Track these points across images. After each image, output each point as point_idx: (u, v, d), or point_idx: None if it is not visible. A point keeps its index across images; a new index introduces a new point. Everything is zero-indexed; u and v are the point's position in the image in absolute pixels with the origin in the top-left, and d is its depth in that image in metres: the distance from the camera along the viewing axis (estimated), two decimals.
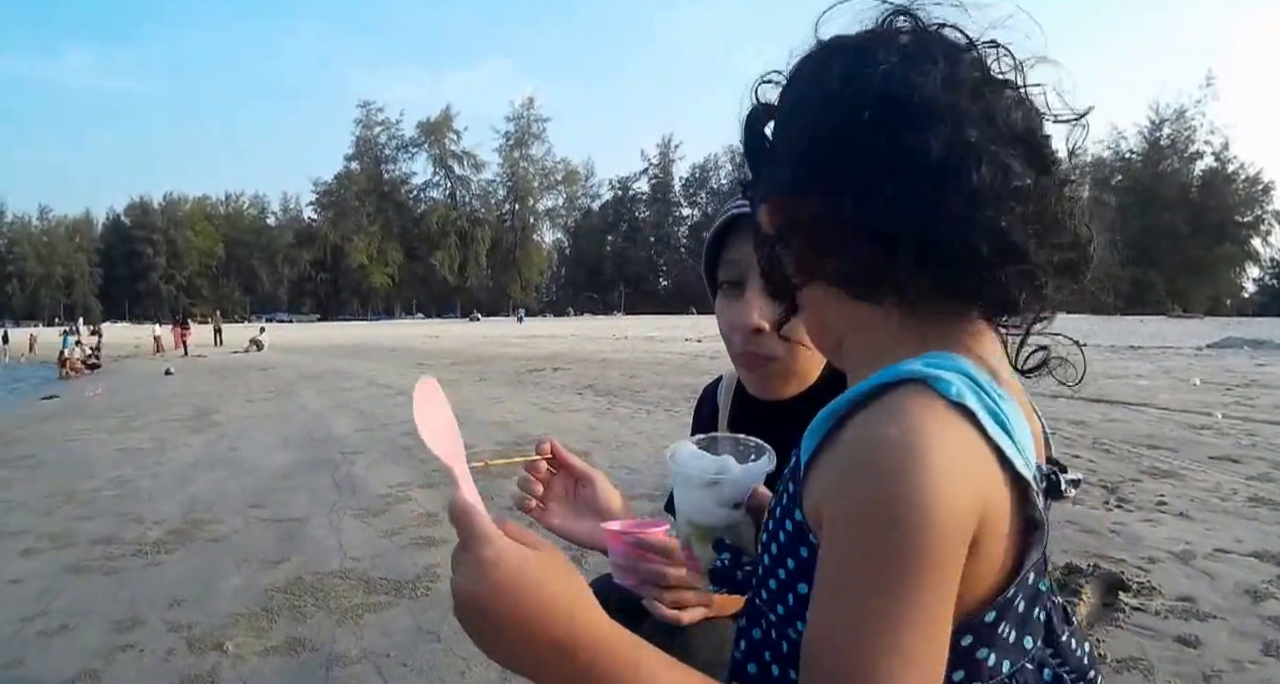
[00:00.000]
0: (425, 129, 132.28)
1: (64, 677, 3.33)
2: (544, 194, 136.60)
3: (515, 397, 12.77)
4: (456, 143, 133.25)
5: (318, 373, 20.44)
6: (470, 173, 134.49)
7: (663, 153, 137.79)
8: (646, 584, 1.17)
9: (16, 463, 8.86)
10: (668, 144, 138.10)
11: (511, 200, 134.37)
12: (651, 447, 7.89)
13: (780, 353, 1.41)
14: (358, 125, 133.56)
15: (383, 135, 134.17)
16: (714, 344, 25.61)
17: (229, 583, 4.36)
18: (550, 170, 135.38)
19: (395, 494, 6.26)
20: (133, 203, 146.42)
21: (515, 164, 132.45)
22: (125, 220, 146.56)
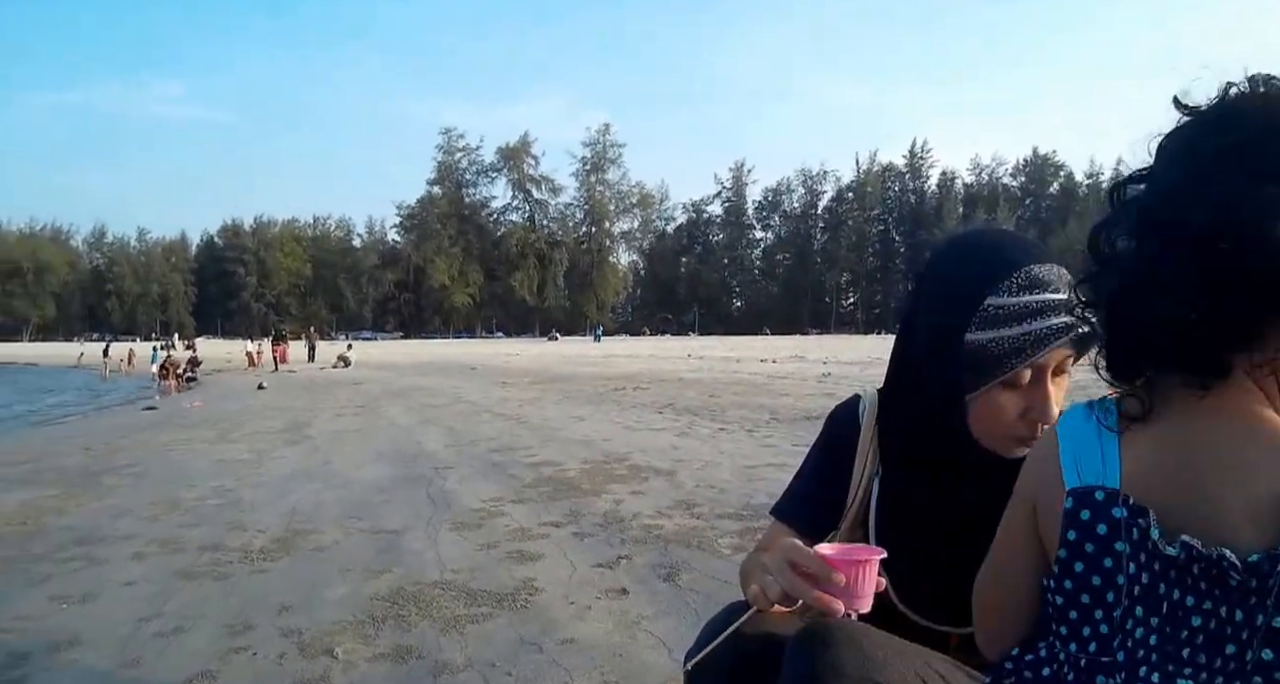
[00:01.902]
0: (504, 154, 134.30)
1: (181, 676, 3.43)
2: (620, 217, 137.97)
3: (597, 415, 12.85)
4: (535, 168, 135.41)
5: (404, 389, 20.77)
6: (548, 196, 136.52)
7: (735, 176, 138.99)
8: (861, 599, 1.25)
9: (122, 471, 9.17)
10: (740, 168, 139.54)
11: (588, 223, 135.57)
12: (735, 466, 7.88)
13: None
14: (439, 151, 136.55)
15: (463, 161, 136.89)
16: (788, 365, 25.53)
17: (334, 591, 4.47)
18: (625, 194, 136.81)
19: (488, 509, 6.35)
20: (225, 225, 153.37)
21: (592, 188, 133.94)
22: (218, 241, 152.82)
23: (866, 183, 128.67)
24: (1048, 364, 1.36)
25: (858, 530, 1.58)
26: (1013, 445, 1.42)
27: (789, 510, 1.69)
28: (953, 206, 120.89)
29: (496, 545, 5.26)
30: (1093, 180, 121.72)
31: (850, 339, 70.12)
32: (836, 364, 25.75)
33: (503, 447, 9.74)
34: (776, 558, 1.31)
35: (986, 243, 1.45)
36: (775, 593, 1.29)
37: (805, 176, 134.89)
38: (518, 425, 11.84)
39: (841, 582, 1.22)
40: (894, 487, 1.56)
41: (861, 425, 1.62)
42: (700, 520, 5.75)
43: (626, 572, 4.63)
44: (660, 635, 3.68)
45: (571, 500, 6.55)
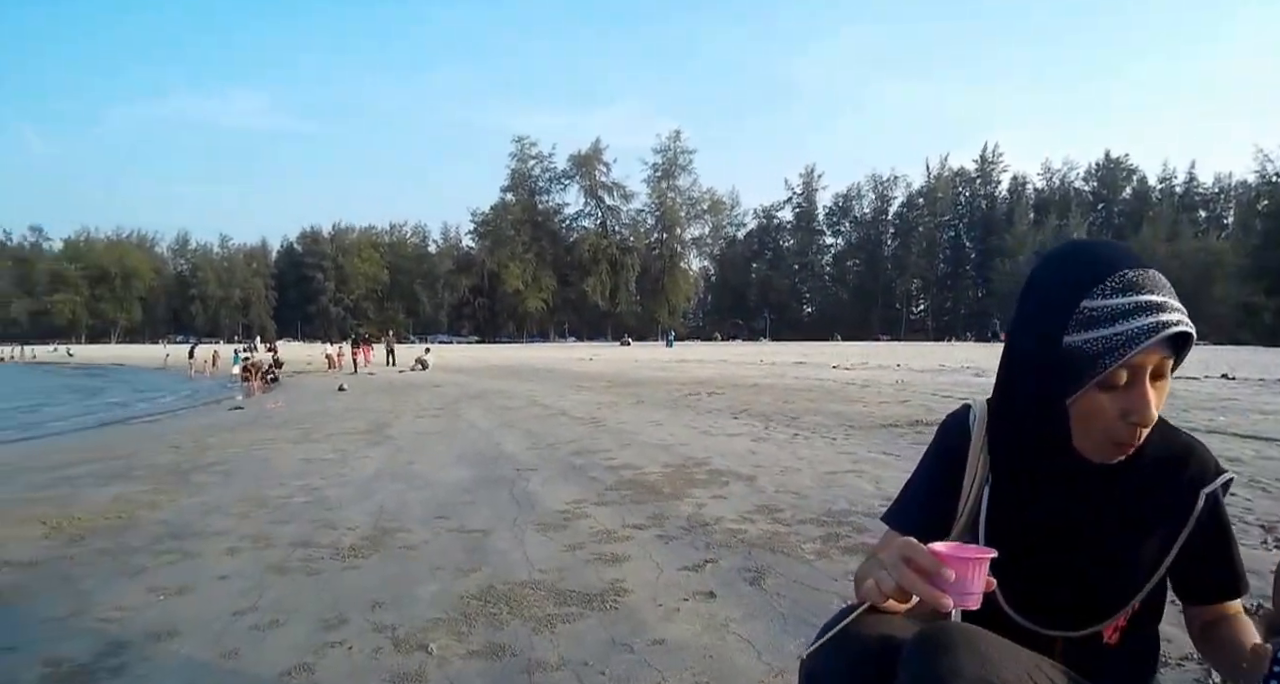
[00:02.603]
0: (576, 162, 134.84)
1: (278, 669, 3.49)
2: (691, 223, 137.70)
3: (674, 420, 12.84)
4: (606, 175, 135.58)
5: (481, 392, 20.97)
6: (620, 203, 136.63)
7: (805, 182, 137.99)
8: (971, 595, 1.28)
9: (211, 469, 9.38)
10: (810, 173, 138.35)
11: (660, 229, 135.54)
12: (814, 473, 7.81)
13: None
14: (513, 159, 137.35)
15: (536, 168, 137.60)
16: (861, 372, 25.28)
17: (425, 589, 4.51)
18: (697, 200, 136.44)
19: (572, 511, 6.38)
20: (304, 232, 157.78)
21: (663, 194, 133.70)
22: (297, 248, 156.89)
23: (937, 188, 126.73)
24: (1144, 365, 1.38)
25: (967, 538, 1.61)
26: (1113, 450, 1.44)
27: (900, 517, 1.73)
28: (1024, 212, 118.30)
29: (582, 547, 5.28)
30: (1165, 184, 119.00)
31: (921, 346, 69.32)
32: (909, 371, 25.43)
33: (582, 450, 9.78)
34: (891, 553, 1.34)
35: (1083, 250, 1.48)
36: (889, 586, 1.32)
37: (876, 182, 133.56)
38: (596, 429, 11.88)
39: (952, 577, 1.26)
40: (1003, 494, 1.59)
41: (972, 434, 1.66)
42: (783, 526, 5.72)
43: (712, 575, 4.62)
44: (749, 638, 3.67)
45: (654, 504, 6.55)
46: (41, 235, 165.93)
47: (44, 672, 3.56)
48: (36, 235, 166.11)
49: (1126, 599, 1.52)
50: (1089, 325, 1.38)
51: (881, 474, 7.62)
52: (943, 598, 1.25)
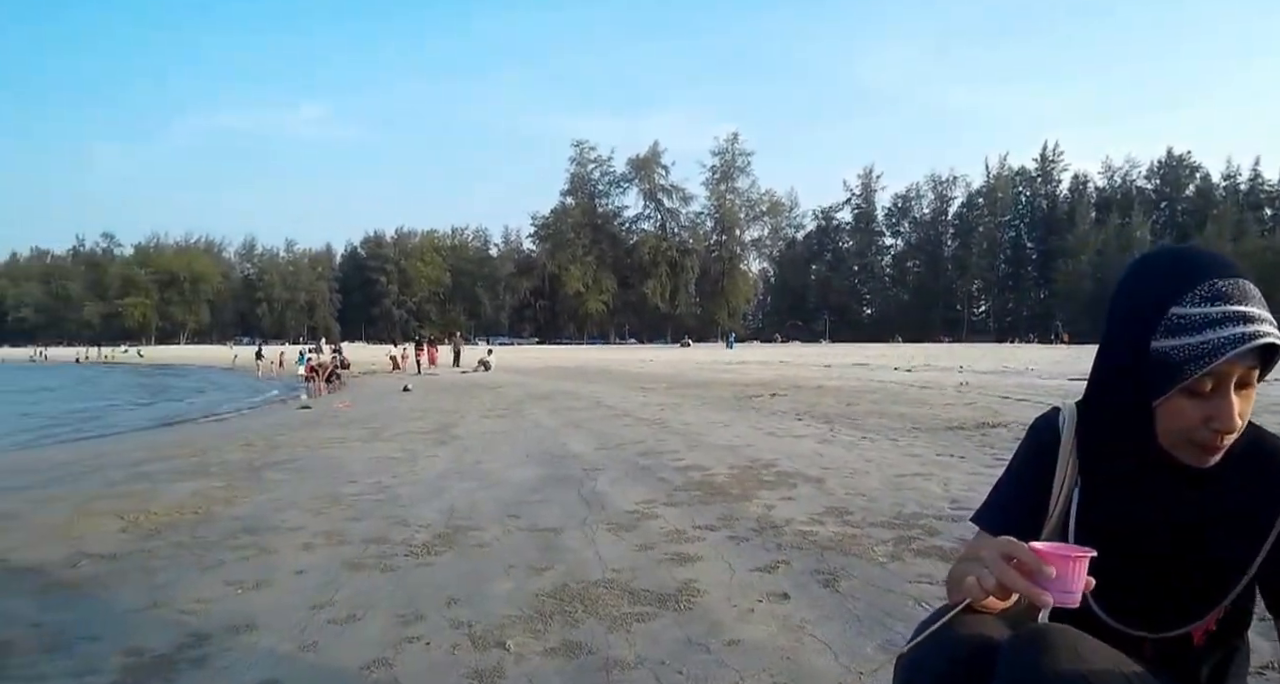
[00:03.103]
0: (635, 165, 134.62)
1: (358, 662, 3.53)
2: (750, 225, 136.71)
3: (739, 421, 12.78)
4: (665, 177, 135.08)
5: (544, 393, 21.06)
6: (679, 205, 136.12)
7: (864, 183, 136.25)
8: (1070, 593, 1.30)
9: (283, 466, 9.54)
10: (869, 174, 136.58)
11: (719, 231, 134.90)
12: (882, 475, 7.72)
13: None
14: (572, 163, 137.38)
15: (595, 171, 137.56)
16: (923, 374, 25.00)
17: (500, 586, 4.54)
18: (755, 202, 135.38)
19: (642, 511, 6.37)
20: (367, 236, 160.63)
21: (722, 196, 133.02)
22: (361, 252, 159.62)
23: (997, 187, 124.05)
24: (1229, 374, 1.39)
25: (1056, 538, 1.62)
26: (1198, 453, 1.45)
27: (991, 517, 1.72)
28: (1085, 211, 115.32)
29: (653, 547, 5.26)
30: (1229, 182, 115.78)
31: (983, 347, 68.20)
32: (972, 373, 25.08)
33: (649, 450, 9.78)
34: (991, 551, 1.36)
35: (1174, 257, 1.49)
36: (990, 584, 1.33)
37: (935, 182, 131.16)
38: (661, 430, 11.87)
39: (1053, 575, 1.28)
40: (1092, 497, 1.60)
41: (1062, 436, 1.66)
42: (854, 528, 5.66)
43: (785, 576, 4.58)
44: (825, 640, 3.63)
45: (723, 505, 6.52)
46: (113, 242, 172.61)
47: (126, 661, 3.63)
48: (108, 242, 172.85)
49: (1215, 601, 1.51)
50: (1176, 332, 1.40)
51: (949, 477, 7.53)
52: (1044, 595, 1.27)
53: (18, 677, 3.51)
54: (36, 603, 4.54)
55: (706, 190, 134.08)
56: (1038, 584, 1.28)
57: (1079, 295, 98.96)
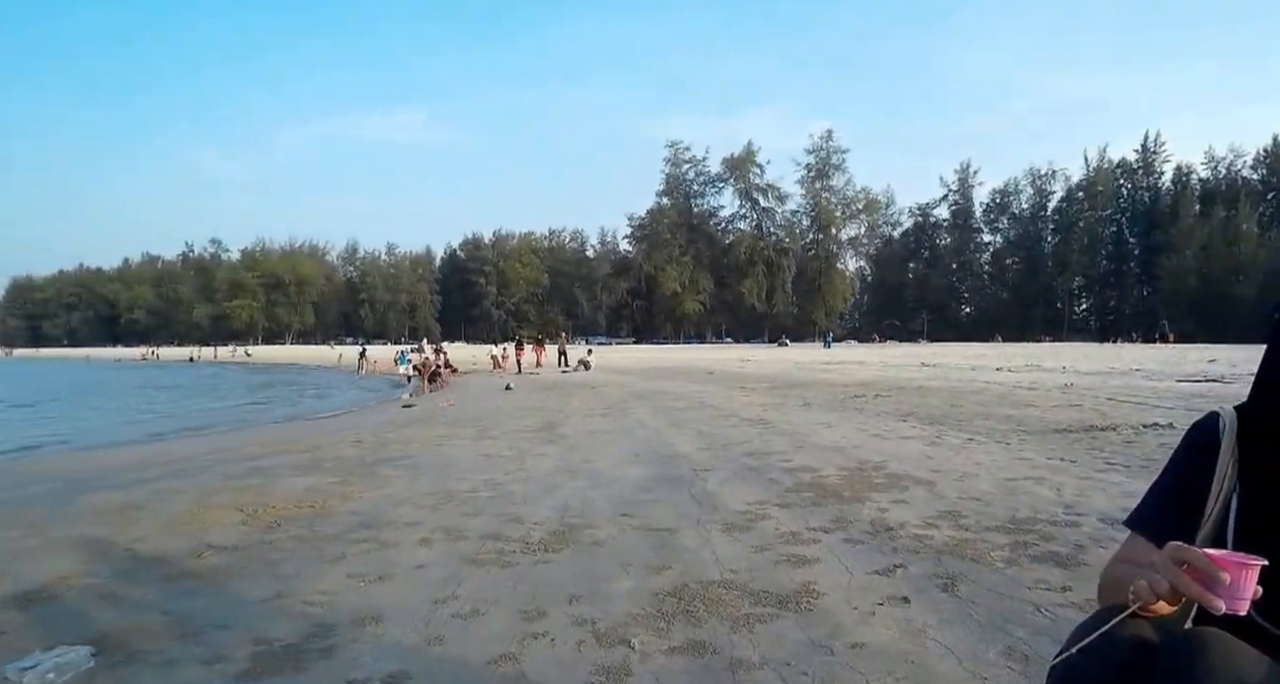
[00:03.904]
0: (729, 165, 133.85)
1: (484, 657, 3.58)
2: (846, 223, 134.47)
3: (844, 422, 12.64)
4: (760, 176, 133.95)
5: (645, 392, 21.13)
6: (774, 204, 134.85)
7: (961, 178, 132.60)
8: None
9: (395, 463, 9.73)
10: (966, 169, 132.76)
11: (815, 230, 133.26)
12: (993, 479, 7.56)
13: None
14: (667, 163, 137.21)
15: (690, 172, 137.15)
16: (1026, 374, 24.42)
17: (619, 585, 4.57)
18: (851, 200, 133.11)
19: (754, 512, 6.35)
20: (466, 239, 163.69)
21: (817, 195, 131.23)
22: (460, 254, 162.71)
23: (1097, 181, 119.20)
24: None
25: (1211, 544, 1.57)
26: None
27: (1144, 523, 1.70)
28: (1189, 204, 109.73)
29: (769, 548, 5.24)
30: None
31: (1084, 347, 66.20)
32: (1076, 374, 24.39)
33: (755, 451, 9.73)
34: (1164, 557, 1.35)
35: None
36: (1163, 588, 1.32)
37: (1033, 176, 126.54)
38: (765, 430, 11.80)
39: (1227, 581, 1.27)
40: (1253, 503, 1.57)
41: (1221, 442, 1.63)
42: (969, 532, 5.57)
43: (904, 580, 4.54)
44: (949, 645, 3.59)
45: (835, 507, 6.47)
46: (220, 247, 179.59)
47: (256, 650, 3.74)
48: (216, 247, 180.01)
49: None
50: None
51: (1061, 481, 7.34)
52: (1216, 602, 1.27)
53: (151, 663, 3.65)
54: (164, 591, 4.72)
55: (802, 189, 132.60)
56: (1210, 590, 1.28)
57: (1183, 292, 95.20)
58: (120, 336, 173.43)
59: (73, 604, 4.51)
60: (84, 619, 4.23)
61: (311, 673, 3.49)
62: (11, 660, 3.60)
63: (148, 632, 4.01)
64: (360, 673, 3.45)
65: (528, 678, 3.37)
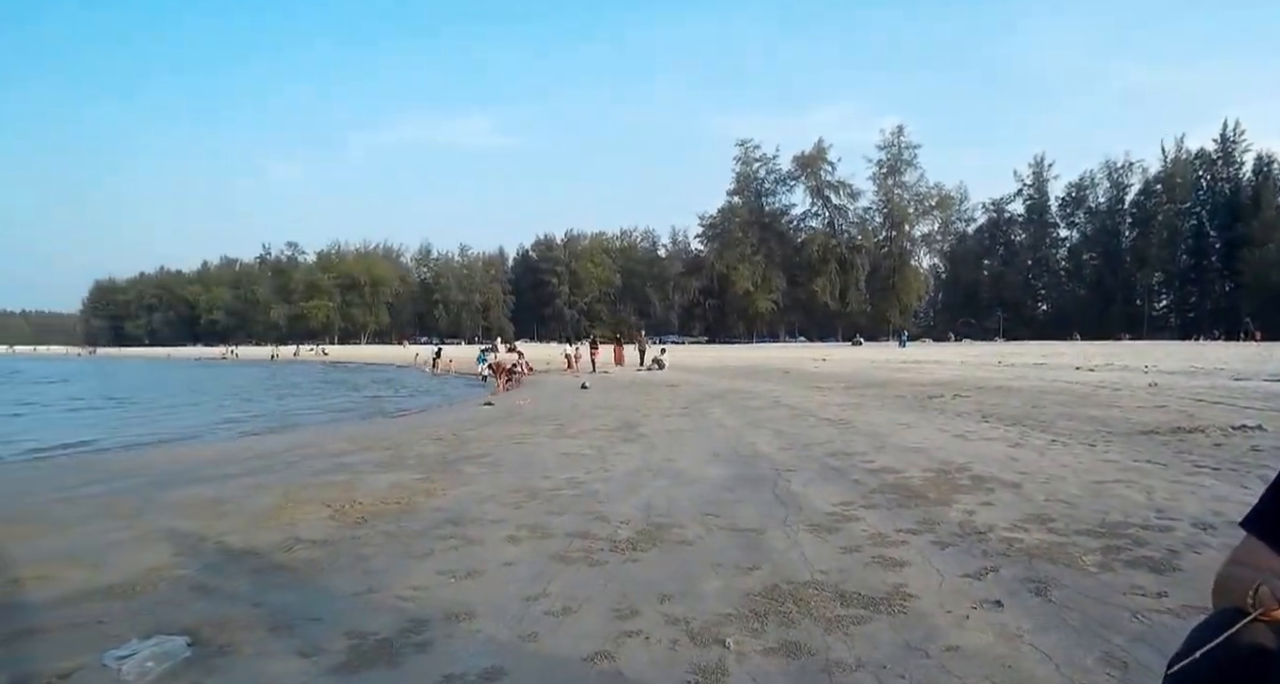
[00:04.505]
0: (800, 162, 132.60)
1: (579, 654, 3.62)
2: (919, 219, 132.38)
3: (924, 422, 12.49)
4: (831, 173, 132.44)
5: (721, 392, 21.07)
6: (846, 202, 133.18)
7: (1035, 172, 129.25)
8: None
9: (477, 460, 9.85)
10: (1040, 162, 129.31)
11: (887, 227, 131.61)
12: (1081, 482, 7.42)
13: None
14: (737, 162, 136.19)
15: (761, 170, 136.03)
16: (1107, 374, 23.90)
17: (709, 584, 4.57)
18: (924, 196, 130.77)
19: (841, 513, 6.32)
20: (538, 239, 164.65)
21: (889, 191, 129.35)
22: (532, 254, 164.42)
23: (1175, 172, 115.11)
24: None
25: None
26: None
27: (1262, 524, 1.66)
28: (1271, 195, 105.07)
29: (858, 549, 5.21)
30: None
31: (1166, 345, 64.37)
32: (1159, 373, 23.77)
33: (837, 451, 9.68)
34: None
35: None
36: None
37: (1109, 169, 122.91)
38: (845, 430, 11.72)
39: None
40: None
41: None
42: (1059, 536, 5.48)
43: (996, 584, 4.48)
44: (1045, 650, 3.54)
45: (921, 509, 6.40)
46: (297, 249, 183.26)
47: (350, 643, 3.81)
48: (292, 250, 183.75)
49: None
50: None
51: (1151, 485, 7.18)
52: None
53: (247, 654, 3.74)
54: (255, 584, 4.84)
55: (874, 185, 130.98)
56: None
57: (1268, 287, 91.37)
58: (200, 336, 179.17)
59: (166, 595, 4.64)
60: (178, 610, 4.35)
61: (407, 667, 3.54)
62: (110, 649, 3.71)
63: (242, 623, 4.11)
64: (457, 668, 3.50)
65: (625, 676, 3.39)
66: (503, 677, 3.41)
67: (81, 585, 4.86)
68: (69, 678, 3.49)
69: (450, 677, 3.42)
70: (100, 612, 4.35)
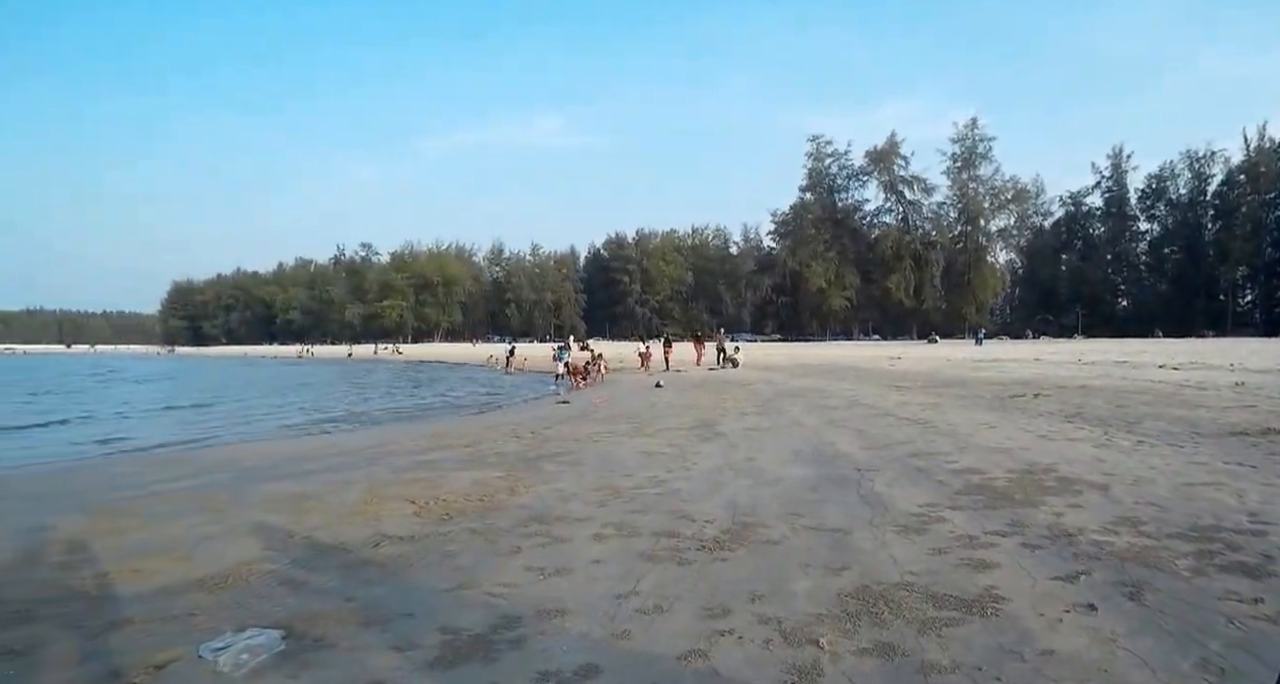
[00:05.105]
0: (873, 158, 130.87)
1: (673, 652, 3.66)
2: (995, 214, 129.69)
3: (1006, 422, 12.30)
4: (904, 168, 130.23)
5: (797, 390, 20.96)
6: (920, 197, 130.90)
7: (1114, 164, 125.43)
8: None
9: (557, 458, 9.95)
10: (1119, 154, 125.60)
11: (962, 222, 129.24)
12: (1171, 484, 7.28)
13: None
14: (809, 158, 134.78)
15: (833, 166, 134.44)
16: (1192, 372, 23.24)
17: (799, 584, 4.59)
18: (999, 190, 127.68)
19: (927, 514, 6.29)
20: (609, 238, 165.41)
21: (964, 185, 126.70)
22: (604, 253, 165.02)
23: (1258, 162, 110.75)
24: None
25: None
26: None
27: None
28: None
29: (947, 551, 5.19)
30: None
31: (1251, 342, 62.02)
32: (1245, 371, 23.03)
33: (918, 451, 9.60)
34: None
35: None
36: None
37: (1190, 159, 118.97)
38: (925, 430, 11.60)
39: None
40: None
41: None
42: (1150, 539, 5.39)
43: (1088, 587, 4.44)
44: (1141, 655, 3.52)
45: (1008, 510, 6.33)
46: (370, 250, 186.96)
47: (444, 639, 3.89)
48: (366, 251, 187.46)
49: None
50: None
51: (1242, 488, 7.03)
52: None
53: (341, 647, 3.84)
54: (345, 579, 4.97)
55: (948, 180, 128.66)
56: None
57: None
58: (275, 335, 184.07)
59: (257, 589, 4.78)
60: (269, 604, 4.48)
61: (503, 663, 3.61)
62: (204, 641, 3.82)
63: (334, 618, 4.23)
64: (551, 665, 3.56)
65: (720, 675, 3.43)
66: (598, 674, 3.46)
67: (174, 578, 5.03)
68: (165, 669, 3.62)
69: (546, 673, 3.48)
70: (192, 604, 4.50)
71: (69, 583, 4.99)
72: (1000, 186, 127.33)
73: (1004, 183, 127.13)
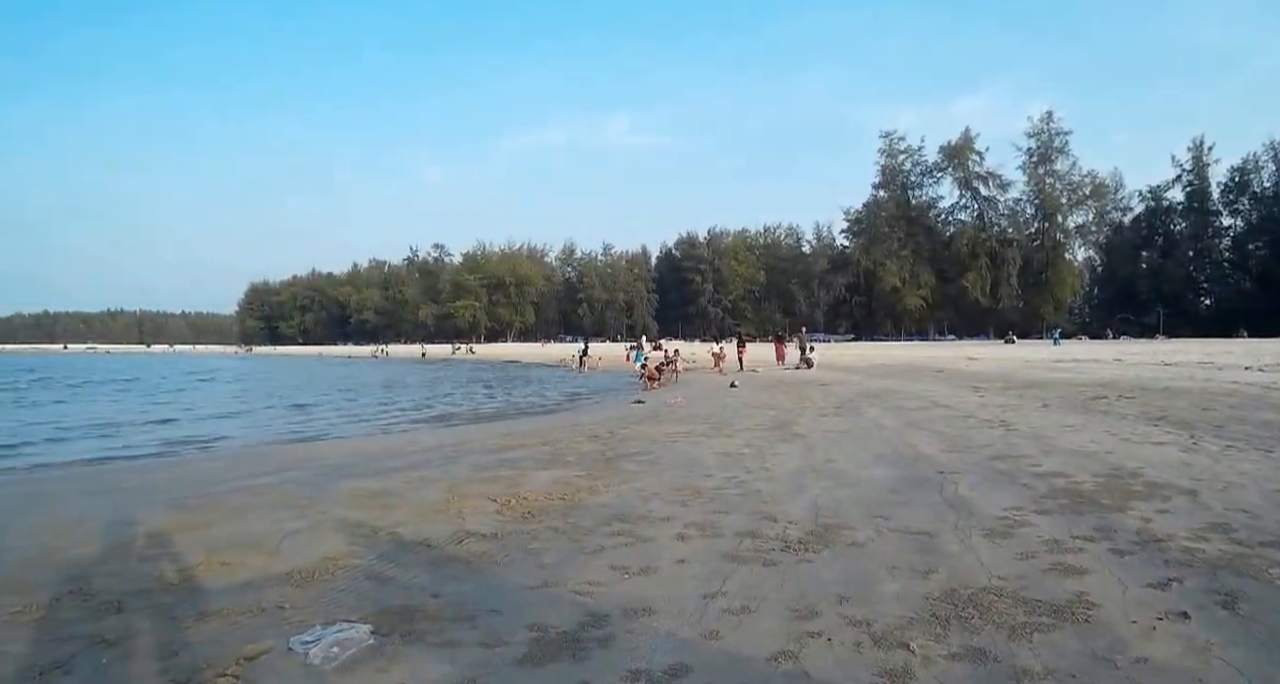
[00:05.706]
0: (948, 153, 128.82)
1: (763, 653, 3.70)
2: (1072, 210, 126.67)
3: (1089, 425, 12.08)
4: (979, 164, 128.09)
5: (874, 391, 20.79)
6: (996, 193, 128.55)
7: (1195, 156, 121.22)
8: None
9: (636, 458, 10.03)
10: (1200, 146, 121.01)
11: (1039, 219, 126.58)
12: (1262, 490, 7.12)
13: None
14: (881, 154, 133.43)
15: (906, 162, 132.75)
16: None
17: (887, 587, 4.59)
18: (1077, 185, 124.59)
19: (1012, 518, 6.24)
20: (681, 238, 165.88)
21: (1040, 180, 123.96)
22: (675, 253, 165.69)
23: None
24: None
25: None
26: None
27: None
28: None
29: (1035, 556, 5.15)
30: None
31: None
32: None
33: (1001, 454, 9.48)
34: None
35: None
36: None
37: (1274, 150, 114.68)
38: (1008, 432, 11.45)
39: None
40: None
41: None
42: (1243, 547, 5.30)
43: (1180, 594, 4.38)
44: (1237, 665, 3.48)
45: (1095, 515, 6.26)
46: (443, 251, 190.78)
47: (532, 636, 3.97)
48: (439, 251, 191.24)
49: None
50: None
51: None
52: None
53: (430, 642, 3.93)
54: (431, 575, 5.07)
55: (1024, 175, 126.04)
56: None
57: None
58: (350, 335, 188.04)
59: (344, 584, 4.89)
60: (357, 598, 4.59)
61: (593, 662, 3.67)
62: (295, 634, 3.93)
63: (421, 613, 4.32)
64: (641, 664, 3.62)
65: (811, 677, 3.46)
66: (688, 673, 3.50)
67: (261, 572, 5.17)
68: (256, 661, 3.72)
69: (636, 672, 3.53)
70: (281, 597, 4.61)
71: (159, 575, 5.15)
72: (1078, 181, 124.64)
73: (1081, 177, 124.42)
